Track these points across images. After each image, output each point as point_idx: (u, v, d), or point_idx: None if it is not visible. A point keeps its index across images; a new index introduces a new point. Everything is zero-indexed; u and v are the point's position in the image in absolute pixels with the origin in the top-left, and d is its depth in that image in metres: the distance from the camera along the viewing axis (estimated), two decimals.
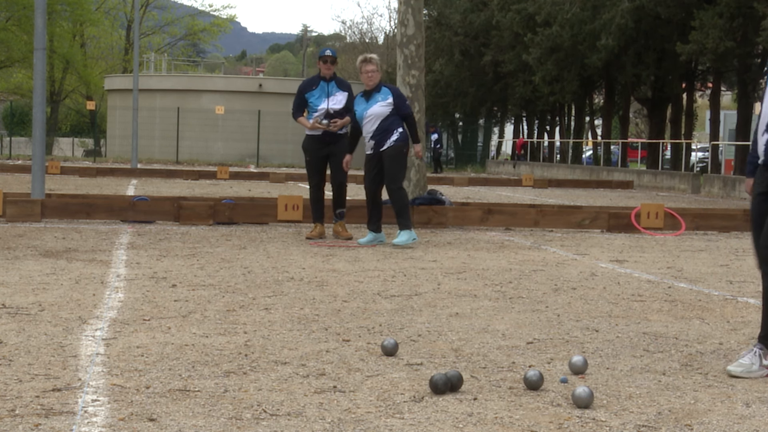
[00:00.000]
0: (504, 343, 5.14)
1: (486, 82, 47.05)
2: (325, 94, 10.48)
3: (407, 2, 14.60)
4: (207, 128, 47.62)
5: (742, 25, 29.13)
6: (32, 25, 15.29)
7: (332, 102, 10.48)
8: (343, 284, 7.17)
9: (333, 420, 3.63)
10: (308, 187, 10.95)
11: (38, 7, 13.06)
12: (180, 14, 69.14)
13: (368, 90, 10.05)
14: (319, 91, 10.49)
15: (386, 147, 9.95)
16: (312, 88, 10.52)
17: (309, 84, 10.60)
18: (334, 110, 10.48)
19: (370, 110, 9.99)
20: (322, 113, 10.46)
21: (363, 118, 10.02)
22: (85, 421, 3.51)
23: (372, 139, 10.00)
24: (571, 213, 12.92)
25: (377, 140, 9.98)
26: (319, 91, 10.49)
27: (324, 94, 10.48)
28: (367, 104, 10.02)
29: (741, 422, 3.76)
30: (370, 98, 10.03)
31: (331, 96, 10.49)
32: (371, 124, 10.00)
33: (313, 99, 10.49)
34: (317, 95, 10.49)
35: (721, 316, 6.22)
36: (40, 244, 9.31)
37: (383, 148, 9.96)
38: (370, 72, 9.99)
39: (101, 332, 5.11)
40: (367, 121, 10.00)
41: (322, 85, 10.50)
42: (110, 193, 17.25)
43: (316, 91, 10.50)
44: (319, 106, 10.47)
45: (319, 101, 10.47)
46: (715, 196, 26.76)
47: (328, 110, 10.47)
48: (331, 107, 10.47)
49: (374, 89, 10.05)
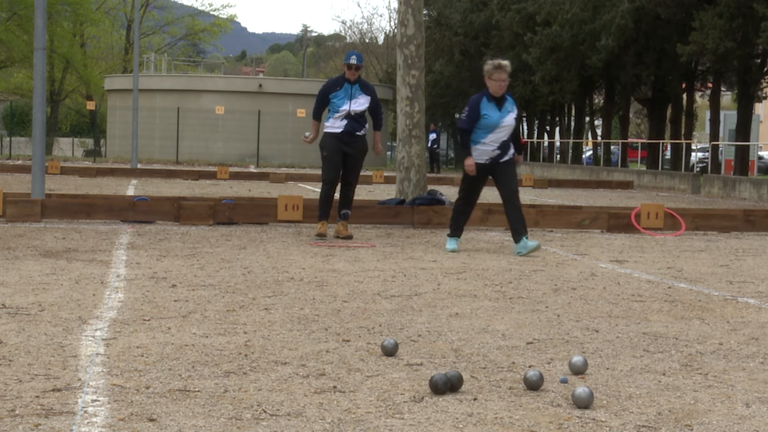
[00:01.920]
0: (504, 343, 5.14)
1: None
2: (348, 96, 10.55)
3: (407, 2, 14.59)
4: (207, 128, 47.62)
5: (742, 25, 29.11)
6: (32, 25, 15.29)
7: (354, 104, 10.55)
8: (343, 284, 7.17)
9: (333, 420, 3.63)
10: (320, 184, 11.03)
11: (38, 7, 13.06)
12: (180, 14, 69.14)
13: (496, 97, 9.59)
14: (343, 92, 10.56)
15: (507, 158, 9.68)
16: (336, 89, 10.58)
17: (333, 84, 10.65)
18: (355, 112, 10.55)
19: (506, 121, 9.59)
20: (343, 114, 10.52)
21: (496, 125, 9.54)
22: (85, 421, 3.51)
23: (499, 149, 9.60)
24: (571, 213, 12.92)
25: (502, 151, 9.64)
26: (343, 92, 10.56)
27: (347, 96, 10.55)
28: (501, 113, 9.58)
29: (741, 422, 3.76)
30: (502, 107, 9.60)
31: (354, 99, 10.55)
32: (503, 134, 9.60)
33: (336, 100, 10.56)
34: (341, 96, 10.55)
35: (721, 317, 6.22)
36: (40, 244, 9.31)
37: (503, 159, 9.67)
38: (504, 82, 9.56)
39: (101, 332, 5.11)
40: (499, 130, 9.57)
41: (346, 86, 10.57)
42: (110, 193, 17.25)
43: (339, 92, 10.56)
44: (342, 107, 10.53)
45: (342, 102, 10.54)
46: (715, 196, 26.76)
47: (350, 112, 10.53)
48: (353, 109, 10.54)
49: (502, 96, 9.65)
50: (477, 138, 9.61)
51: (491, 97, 9.58)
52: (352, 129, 10.58)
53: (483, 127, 9.57)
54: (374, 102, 10.69)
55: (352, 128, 10.57)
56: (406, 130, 14.47)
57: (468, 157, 9.62)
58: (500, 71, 9.53)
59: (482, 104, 9.57)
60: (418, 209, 12.53)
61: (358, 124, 10.61)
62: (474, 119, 9.56)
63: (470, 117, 9.57)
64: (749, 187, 25.66)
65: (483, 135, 9.59)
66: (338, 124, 10.58)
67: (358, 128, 10.63)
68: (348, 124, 10.55)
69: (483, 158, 9.61)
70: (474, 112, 9.56)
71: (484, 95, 9.62)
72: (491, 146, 9.59)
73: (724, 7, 28.81)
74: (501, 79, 9.53)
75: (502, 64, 9.59)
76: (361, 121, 10.65)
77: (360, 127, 10.64)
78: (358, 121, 10.59)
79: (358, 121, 10.59)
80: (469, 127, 9.59)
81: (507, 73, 9.57)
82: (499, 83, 9.53)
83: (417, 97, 14.49)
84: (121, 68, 62.08)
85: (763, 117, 57.80)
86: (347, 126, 10.55)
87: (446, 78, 47.24)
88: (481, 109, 9.55)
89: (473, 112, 9.55)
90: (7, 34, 49.58)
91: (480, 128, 9.58)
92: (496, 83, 9.53)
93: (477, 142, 9.61)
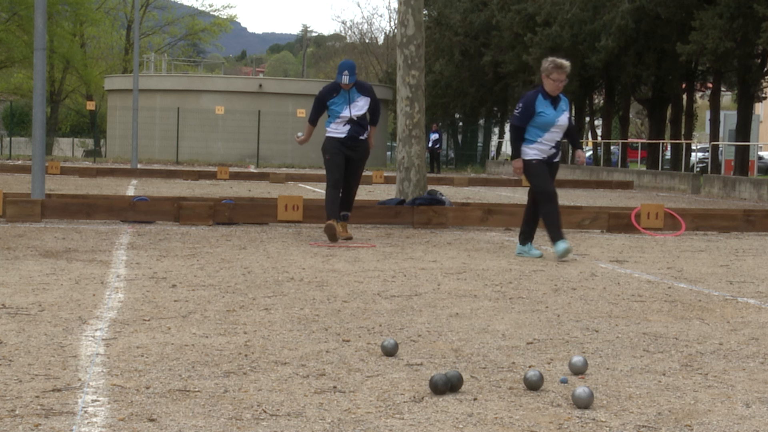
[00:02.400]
0: (504, 344, 5.14)
1: (486, 82, 47.05)
2: (346, 101, 10.44)
3: (407, 2, 14.59)
4: (207, 128, 47.63)
5: (742, 25, 29.12)
6: (32, 25, 15.28)
7: (354, 109, 10.45)
8: (343, 284, 7.17)
9: (333, 420, 3.63)
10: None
11: (38, 7, 13.06)
12: (180, 14, 69.18)
13: (552, 96, 9.25)
14: (341, 98, 10.45)
15: (558, 159, 9.44)
16: (333, 95, 10.46)
17: (330, 91, 10.51)
18: (357, 116, 10.46)
19: (561, 120, 9.25)
20: (345, 120, 10.43)
21: (551, 124, 9.21)
22: (85, 421, 3.51)
23: (554, 148, 9.33)
24: (571, 213, 12.92)
25: (557, 150, 9.38)
26: (341, 98, 10.45)
27: (345, 101, 10.44)
28: (556, 112, 9.23)
29: (741, 422, 3.76)
30: (557, 105, 9.26)
31: (353, 102, 10.45)
32: (559, 134, 9.32)
33: (335, 106, 10.45)
34: (339, 102, 10.44)
35: (721, 317, 6.22)
36: (40, 244, 9.31)
37: (555, 159, 9.41)
38: (562, 82, 9.20)
39: (101, 332, 5.11)
40: (554, 129, 9.25)
41: (342, 92, 10.46)
42: (110, 194, 17.25)
43: (337, 98, 10.45)
44: (342, 113, 10.43)
45: (341, 108, 10.44)
46: (715, 196, 26.76)
47: (351, 117, 10.44)
48: (354, 114, 10.45)
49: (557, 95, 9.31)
50: (533, 137, 9.25)
51: (547, 95, 9.22)
52: (356, 133, 10.49)
53: (538, 126, 9.22)
54: (373, 101, 10.62)
55: (355, 132, 10.48)
56: (406, 130, 14.47)
57: (517, 159, 9.32)
58: (560, 71, 9.14)
59: (538, 102, 9.19)
60: (418, 209, 12.53)
61: (361, 127, 10.52)
62: (528, 116, 9.20)
63: (524, 114, 9.21)
64: (749, 187, 25.66)
65: (538, 134, 9.26)
66: (341, 129, 10.47)
67: (362, 132, 10.55)
68: (351, 128, 10.46)
69: (540, 155, 9.28)
70: (529, 109, 9.18)
71: (539, 92, 9.24)
72: (547, 145, 9.28)
73: (724, 7, 28.81)
74: (559, 80, 9.15)
75: (563, 64, 9.19)
76: (364, 124, 10.57)
77: (363, 131, 10.56)
78: (360, 124, 10.51)
79: (360, 125, 10.51)
80: (522, 124, 9.23)
81: (566, 74, 9.20)
82: (557, 83, 9.16)
83: (417, 97, 14.50)
84: (121, 68, 62.10)
85: (763, 117, 57.82)
86: (351, 131, 10.46)
87: (446, 78, 47.25)
88: (537, 107, 9.18)
89: (528, 109, 9.19)
90: (7, 34, 49.61)
91: (535, 126, 9.24)
92: (554, 83, 9.16)
93: (533, 141, 9.26)
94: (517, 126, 9.28)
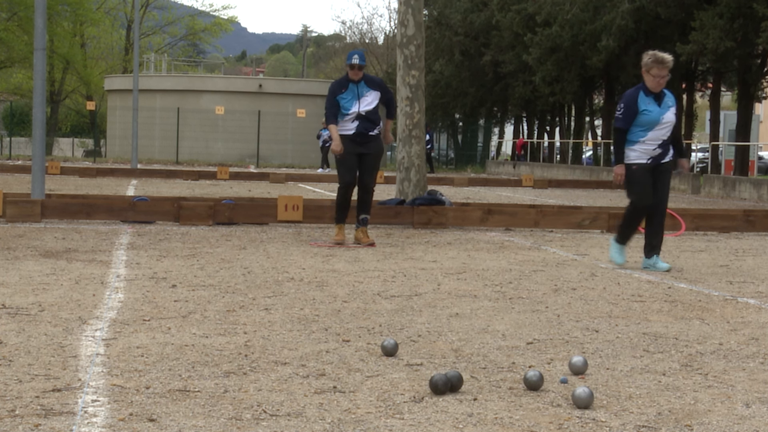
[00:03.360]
0: (504, 344, 5.14)
1: (486, 82, 47.05)
2: (355, 96, 10.13)
3: (407, 2, 14.60)
4: (207, 128, 47.64)
5: (742, 25, 29.12)
6: (32, 25, 15.30)
7: (363, 104, 10.13)
8: (343, 284, 7.17)
9: (333, 420, 3.63)
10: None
11: (38, 7, 13.06)
12: (180, 14, 69.21)
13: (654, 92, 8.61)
14: (349, 93, 10.14)
15: (667, 160, 8.73)
16: (342, 91, 10.15)
17: (339, 86, 10.21)
18: (366, 112, 10.15)
19: (666, 117, 8.60)
20: (353, 116, 10.13)
21: (656, 122, 8.57)
22: (85, 421, 3.51)
23: (660, 147, 8.64)
24: (571, 213, 12.92)
25: (664, 150, 8.68)
26: (349, 93, 10.14)
27: (354, 96, 10.13)
28: (661, 108, 8.58)
29: (741, 422, 3.76)
30: (662, 102, 8.61)
31: (362, 97, 10.13)
32: (664, 132, 8.63)
33: (344, 102, 10.13)
34: (348, 98, 10.13)
35: (721, 317, 6.22)
36: (40, 244, 9.31)
37: (664, 160, 8.72)
38: (664, 78, 8.57)
39: (101, 332, 5.11)
40: (660, 127, 8.59)
41: (351, 86, 10.15)
42: (110, 194, 17.25)
43: (346, 94, 10.14)
44: (351, 109, 10.12)
45: (350, 104, 10.13)
46: (715, 196, 26.76)
47: (360, 113, 10.13)
48: (363, 109, 10.13)
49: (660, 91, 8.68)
50: (635, 137, 8.61)
51: (648, 92, 8.58)
52: (365, 130, 10.15)
53: (642, 125, 8.57)
54: (385, 94, 10.27)
55: (364, 129, 10.14)
56: (406, 130, 14.47)
57: (618, 165, 8.72)
58: (661, 67, 8.49)
59: (640, 99, 8.56)
60: (418, 209, 12.53)
61: (371, 123, 10.18)
62: (631, 116, 8.56)
63: (627, 114, 8.57)
64: (749, 187, 25.66)
65: (642, 133, 8.60)
66: (349, 126, 10.14)
67: (371, 128, 10.19)
68: (360, 125, 10.13)
69: (644, 158, 8.62)
70: (631, 108, 8.56)
71: (640, 89, 8.62)
72: (651, 145, 8.61)
73: (725, 7, 28.81)
74: (661, 75, 8.50)
75: (664, 59, 8.52)
76: (374, 119, 10.22)
77: (372, 126, 10.21)
78: (370, 120, 10.16)
79: (370, 120, 10.16)
80: (626, 126, 8.59)
81: (668, 68, 8.54)
82: (658, 79, 8.52)
83: (417, 97, 14.50)
84: (121, 68, 62.11)
85: (763, 117, 57.81)
86: (359, 127, 10.13)
87: (446, 78, 47.23)
88: (639, 105, 8.54)
89: (630, 108, 8.56)
90: (7, 34, 49.62)
91: (638, 126, 8.59)
92: (654, 79, 8.53)
93: (635, 142, 8.61)
94: (619, 128, 8.65)
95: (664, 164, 8.68)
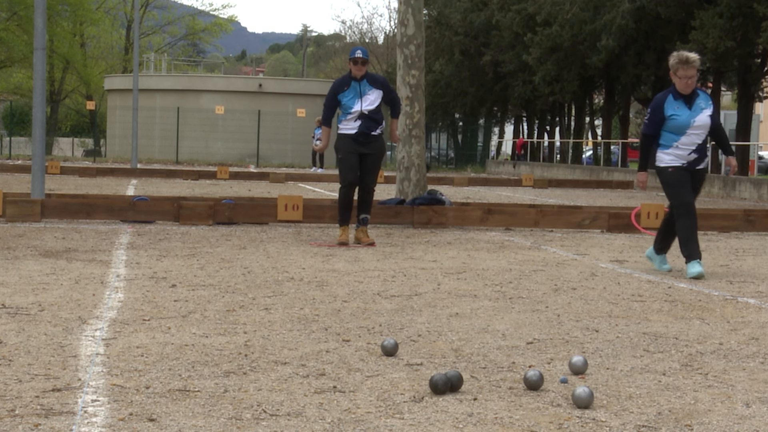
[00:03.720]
0: (504, 343, 5.14)
1: (486, 82, 47.05)
2: (357, 95, 10.03)
3: (407, 2, 14.60)
4: (207, 128, 47.65)
5: (742, 25, 29.12)
6: (32, 25, 15.30)
7: (366, 103, 10.02)
8: (343, 284, 7.17)
9: (333, 420, 3.62)
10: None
11: (38, 7, 13.06)
12: (180, 14, 69.22)
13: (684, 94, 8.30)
14: (352, 91, 10.05)
15: (703, 166, 8.44)
16: (344, 89, 10.06)
17: (341, 84, 10.12)
18: (368, 110, 10.05)
19: (698, 120, 8.24)
20: (355, 115, 10.03)
21: (686, 126, 8.23)
22: (85, 421, 3.51)
23: (695, 152, 8.30)
24: (571, 213, 12.92)
25: (699, 155, 8.34)
26: (352, 91, 10.05)
27: (357, 94, 10.04)
28: (691, 112, 8.24)
29: (741, 422, 3.76)
30: (693, 104, 8.27)
31: (365, 96, 10.03)
32: (699, 136, 8.29)
33: (346, 100, 10.04)
34: (350, 96, 10.04)
35: (721, 316, 6.22)
36: (40, 244, 9.31)
37: (700, 166, 8.40)
38: (691, 78, 8.24)
39: (101, 332, 5.11)
40: (692, 131, 8.25)
41: (353, 85, 10.05)
42: (110, 193, 17.25)
43: (348, 92, 10.05)
44: (353, 108, 10.02)
45: (352, 102, 10.03)
46: (715, 196, 26.76)
47: (362, 112, 10.03)
48: (365, 108, 10.03)
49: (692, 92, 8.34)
50: (667, 142, 8.30)
51: (678, 95, 8.27)
52: (367, 129, 10.06)
53: (672, 130, 8.27)
54: (388, 92, 10.17)
55: (366, 128, 10.05)
56: (406, 130, 14.47)
57: (641, 172, 8.49)
58: (687, 66, 8.19)
59: (667, 103, 8.26)
60: (418, 209, 12.53)
61: (374, 122, 10.09)
62: (658, 122, 8.28)
63: (653, 120, 8.30)
64: (749, 187, 25.66)
65: (674, 138, 8.28)
66: (352, 126, 10.06)
67: (374, 127, 10.10)
68: (362, 124, 10.04)
69: (679, 161, 8.31)
70: (657, 113, 8.28)
71: (669, 93, 8.33)
72: (686, 150, 8.28)
73: (725, 6, 28.81)
74: (687, 76, 8.20)
75: (689, 58, 8.22)
76: (377, 118, 10.12)
77: (375, 126, 10.11)
78: (372, 119, 10.07)
79: (373, 120, 10.07)
80: (652, 132, 8.31)
81: (695, 68, 8.21)
82: (685, 80, 8.21)
83: (417, 97, 14.50)
84: (121, 68, 62.12)
85: (763, 117, 57.82)
86: (361, 126, 10.04)
87: (446, 78, 47.23)
88: (666, 110, 8.24)
89: (656, 114, 8.29)
90: (7, 34, 49.63)
91: (668, 131, 8.28)
92: (682, 80, 8.22)
93: (668, 146, 8.31)
94: (645, 134, 8.41)
95: (699, 170, 8.39)
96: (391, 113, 10.46)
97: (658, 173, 8.42)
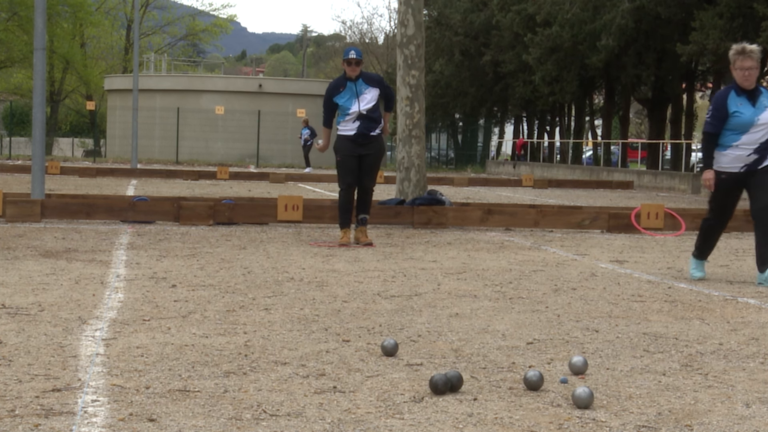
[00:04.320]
0: (504, 344, 5.14)
1: (486, 82, 47.06)
2: (354, 95, 9.98)
3: (407, 2, 14.59)
4: (207, 128, 47.66)
5: (742, 25, 29.11)
6: (32, 25, 15.30)
7: (363, 103, 9.96)
8: (343, 284, 7.17)
9: (333, 420, 3.62)
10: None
11: (38, 7, 13.06)
12: (180, 14, 69.23)
13: (748, 89, 7.79)
14: (348, 92, 10.00)
15: (765, 165, 7.88)
16: (339, 91, 10.01)
17: (336, 86, 10.07)
18: (367, 111, 10.00)
19: (762, 117, 7.74)
20: (354, 116, 9.99)
21: (750, 124, 7.74)
22: (85, 421, 3.51)
23: (756, 152, 7.81)
24: (571, 213, 12.92)
25: (761, 155, 7.83)
26: (348, 92, 10.00)
27: (353, 95, 9.98)
28: (755, 109, 7.75)
29: (741, 422, 3.76)
30: (757, 101, 7.78)
31: (361, 95, 9.97)
32: (761, 134, 7.77)
33: (343, 102, 9.99)
34: (346, 97, 9.99)
35: (721, 317, 6.22)
36: (40, 244, 9.31)
37: (762, 165, 7.88)
38: (749, 70, 7.72)
39: (101, 332, 5.11)
40: (755, 130, 7.75)
41: (349, 85, 10.00)
42: (110, 194, 17.25)
43: (344, 93, 10.00)
44: (351, 109, 9.98)
45: (350, 103, 9.97)
46: None
47: (360, 112, 9.98)
48: (363, 108, 9.97)
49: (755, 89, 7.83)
50: (727, 141, 7.83)
51: (741, 91, 7.78)
52: (366, 130, 10.02)
53: (733, 128, 7.78)
54: (384, 89, 10.13)
55: (366, 129, 10.01)
56: (406, 130, 14.47)
57: (707, 170, 7.96)
58: (744, 57, 7.69)
59: (730, 100, 7.78)
60: (418, 209, 12.53)
61: (372, 122, 10.04)
62: (721, 119, 7.78)
63: (716, 117, 7.80)
64: None
65: (735, 137, 7.80)
66: (351, 127, 10.01)
67: (373, 127, 10.05)
68: (361, 125, 10.00)
69: (736, 165, 7.86)
70: (720, 110, 7.78)
71: (731, 89, 7.85)
72: (746, 150, 7.81)
73: (725, 7, 28.81)
74: (745, 67, 7.69)
75: (745, 49, 7.71)
76: (375, 117, 10.07)
77: (374, 126, 10.06)
78: (371, 119, 10.03)
79: (371, 119, 10.03)
80: (715, 130, 7.83)
81: (754, 58, 7.69)
82: (744, 72, 7.70)
83: (417, 97, 14.50)
84: (121, 68, 62.13)
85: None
86: (360, 127, 10.00)
87: (446, 78, 47.24)
88: (729, 106, 7.76)
89: (719, 110, 7.79)
90: (7, 34, 49.63)
91: (730, 129, 7.80)
92: (741, 72, 7.73)
93: (727, 146, 7.84)
94: (708, 133, 7.91)
95: (761, 170, 7.89)
96: (385, 107, 10.39)
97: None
